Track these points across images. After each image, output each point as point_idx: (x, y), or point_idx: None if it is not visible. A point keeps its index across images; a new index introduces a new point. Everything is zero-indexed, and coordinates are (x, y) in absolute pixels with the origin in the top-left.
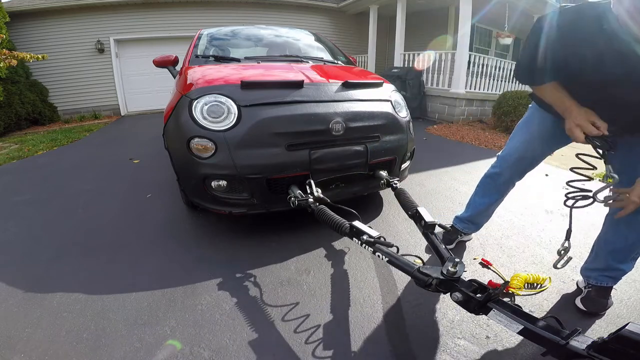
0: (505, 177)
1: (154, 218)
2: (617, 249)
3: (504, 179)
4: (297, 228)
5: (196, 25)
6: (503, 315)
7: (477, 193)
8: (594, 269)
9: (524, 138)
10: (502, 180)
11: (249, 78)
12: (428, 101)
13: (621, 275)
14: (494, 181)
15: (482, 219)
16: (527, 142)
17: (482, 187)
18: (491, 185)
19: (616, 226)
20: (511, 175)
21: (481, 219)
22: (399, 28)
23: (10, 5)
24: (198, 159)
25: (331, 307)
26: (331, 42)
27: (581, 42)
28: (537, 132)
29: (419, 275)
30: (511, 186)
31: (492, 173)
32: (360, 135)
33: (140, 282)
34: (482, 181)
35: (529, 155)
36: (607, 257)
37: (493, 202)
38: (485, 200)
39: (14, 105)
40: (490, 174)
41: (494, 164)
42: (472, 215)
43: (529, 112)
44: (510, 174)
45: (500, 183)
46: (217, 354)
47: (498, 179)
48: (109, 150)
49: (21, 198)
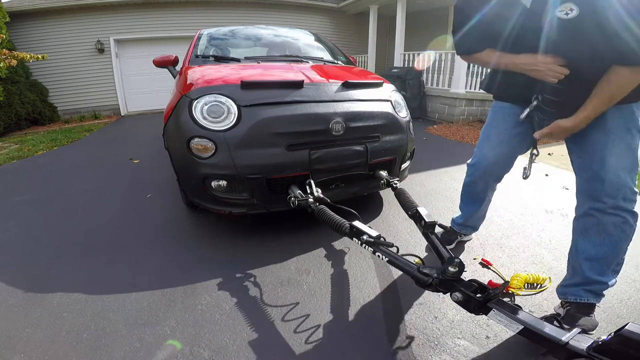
0: (481, 186)
1: (154, 218)
2: (591, 256)
3: (480, 187)
4: (297, 228)
5: (196, 25)
6: (503, 315)
7: (463, 200)
8: (572, 284)
9: (490, 144)
10: (479, 188)
11: (249, 78)
12: (428, 101)
13: (603, 289)
14: (472, 190)
15: (476, 222)
16: (493, 147)
17: (464, 195)
18: (470, 194)
19: (585, 232)
20: (486, 182)
21: (475, 222)
22: (399, 28)
23: (10, 5)
24: (198, 159)
25: (331, 307)
26: (331, 42)
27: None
28: (503, 133)
29: (419, 275)
30: (491, 191)
31: (468, 182)
32: (360, 135)
33: (140, 282)
34: (463, 190)
35: (501, 160)
36: (584, 267)
37: (478, 208)
38: (471, 207)
39: (14, 105)
40: (466, 183)
41: (467, 172)
42: (465, 219)
43: (490, 114)
44: (485, 182)
45: (479, 191)
46: (217, 354)
47: (475, 188)
48: (109, 150)
49: (21, 198)
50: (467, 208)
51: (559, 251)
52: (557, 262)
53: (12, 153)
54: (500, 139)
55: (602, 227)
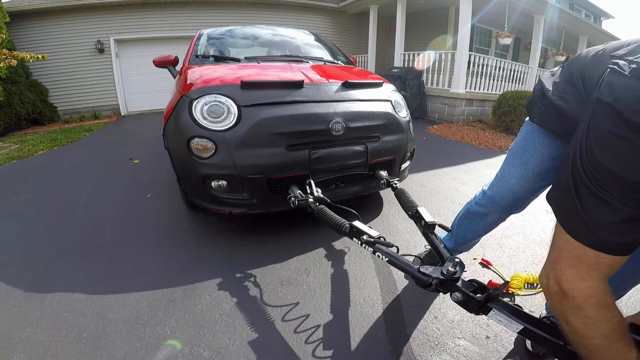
0: (494, 218)
1: (154, 218)
2: None
3: (492, 219)
4: (297, 228)
5: (196, 25)
6: (503, 315)
7: (460, 225)
8: None
9: (520, 173)
10: (490, 220)
11: (248, 78)
12: (428, 101)
13: None
14: (479, 220)
15: (467, 248)
16: (523, 178)
17: (465, 221)
18: (476, 223)
19: None
20: (501, 216)
21: (466, 248)
22: (399, 28)
23: (10, 5)
24: (198, 159)
25: (331, 307)
26: (331, 42)
27: None
28: (536, 162)
29: (419, 276)
30: (502, 222)
31: (478, 212)
32: (360, 135)
33: (140, 282)
34: (464, 215)
35: (526, 195)
36: None
37: (476, 237)
38: (468, 235)
39: (14, 105)
40: (475, 212)
41: (480, 201)
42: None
43: (524, 133)
44: (500, 215)
45: (489, 222)
46: (217, 354)
47: (485, 219)
48: (109, 150)
49: (21, 198)
50: (463, 234)
51: None
52: None
53: (12, 153)
54: (530, 170)
55: None
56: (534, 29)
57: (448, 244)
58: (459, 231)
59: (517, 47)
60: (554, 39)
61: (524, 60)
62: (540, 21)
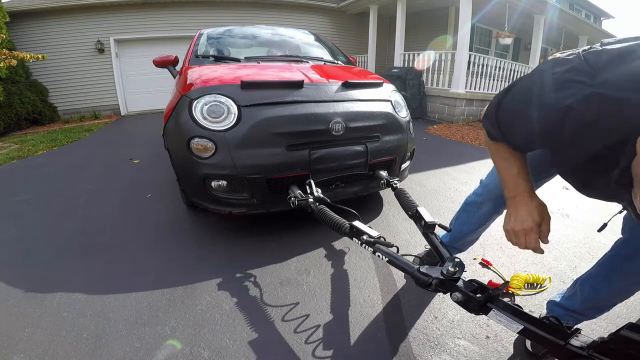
0: (488, 208)
1: (154, 218)
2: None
3: (486, 209)
4: (297, 228)
5: (196, 25)
6: (503, 315)
7: (458, 218)
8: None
9: None
10: (485, 210)
11: (248, 78)
12: (428, 101)
13: (586, 319)
14: (475, 211)
15: (464, 245)
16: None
17: (462, 214)
18: (471, 214)
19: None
20: (495, 207)
21: (462, 245)
22: (399, 28)
23: (10, 5)
24: (198, 159)
25: (331, 307)
26: (331, 42)
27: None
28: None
29: (419, 276)
30: (496, 215)
31: (473, 202)
32: (360, 135)
33: (140, 282)
34: (463, 207)
35: None
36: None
37: (472, 231)
38: (465, 228)
39: (14, 105)
40: (471, 201)
41: (477, 190)
42: (454, 240)
43: None
44: (494, 206)
45: (483, 213)
46: (217, 354)
47: (480, 209)
48: (109, 150)
49: (21, 198)
50: (460, 228)
51: (558, 251)
52: (557, 262)
53: (12, 153)
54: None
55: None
56: (534, 29)
57: (445, 239)
58: (456, 224)
59: (517, 47)
60: (554, 39)
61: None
62: (540, 21)
